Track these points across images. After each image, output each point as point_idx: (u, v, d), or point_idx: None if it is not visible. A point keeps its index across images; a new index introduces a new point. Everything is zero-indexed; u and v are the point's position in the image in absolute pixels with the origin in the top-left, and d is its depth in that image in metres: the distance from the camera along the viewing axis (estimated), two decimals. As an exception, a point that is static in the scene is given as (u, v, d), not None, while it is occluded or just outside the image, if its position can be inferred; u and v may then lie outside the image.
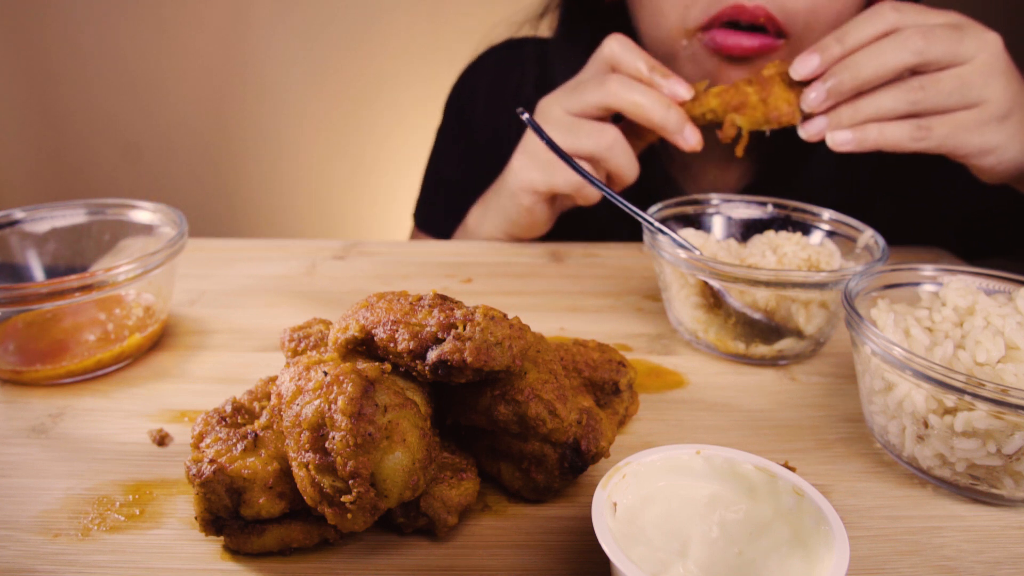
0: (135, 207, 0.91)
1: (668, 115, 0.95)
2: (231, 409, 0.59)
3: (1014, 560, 0.55)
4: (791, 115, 0.92)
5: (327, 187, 2.73)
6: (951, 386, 0.55)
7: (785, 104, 0.92)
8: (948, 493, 0.62)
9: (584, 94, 0.98)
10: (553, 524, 0.58)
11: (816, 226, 0.91)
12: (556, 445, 0.57)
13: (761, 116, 0.93)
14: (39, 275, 0.89)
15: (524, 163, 1.06)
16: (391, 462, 0.49)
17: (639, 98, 0.95)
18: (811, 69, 0.89)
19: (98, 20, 2.39)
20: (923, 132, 0.87)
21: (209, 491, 0.51)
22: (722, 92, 0.95)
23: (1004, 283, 0.71)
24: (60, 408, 0.72)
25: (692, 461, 0.54)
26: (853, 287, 0.69)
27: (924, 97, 0.86)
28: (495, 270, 1.08)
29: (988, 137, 0.88)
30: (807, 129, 0.91)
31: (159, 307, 0.85)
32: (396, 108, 2.56)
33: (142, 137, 2.57)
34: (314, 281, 1.03)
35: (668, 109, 0.95)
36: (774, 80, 0.93)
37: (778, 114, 0.92)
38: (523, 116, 0.92)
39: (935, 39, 0.83)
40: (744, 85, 0.94)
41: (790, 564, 0.47)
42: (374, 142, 2.62)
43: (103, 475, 0.62)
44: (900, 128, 0.87)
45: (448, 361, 0.51)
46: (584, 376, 0.65)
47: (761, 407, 0.74)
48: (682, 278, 0.82)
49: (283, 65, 2.50)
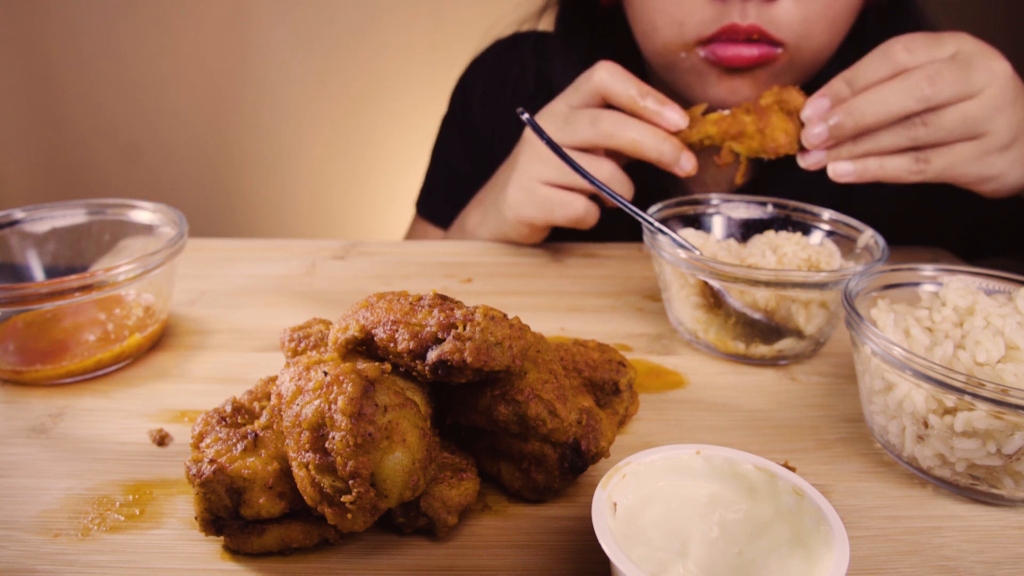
0: (135, 207, 0.91)
1: (663, 148, 0.95)
2: (231, 409, 0.59)
3: (1014, 560, 0.55)
4: (789, 146, 0.92)
5: (327, 187, 2.73)
6: (951, 386, 0.55)
7: (783, 135, 0.92)
8: (948, 493, 0.62)
9: (576, 131, 0.97)
10: (553, 524, 0.58)
11: (816, 226, 0.91)
12: (556, 445, 0.57)
13: (758, 146, 0.93)
14: (39, 275, 0.89)
15: (520, 199, 1.05)
16: (391, 462, 0.49)
17: (633, 134, 0.95)
18: (822, 113, 0.89)
19: (98, 20, 2.39)
20: (921, 165, 0.87)
21: (209, 491, 0.51)
22: (719, 120, 0.95)
23: (1004, 283, 0.71)
24: (60, 408, 0.72)
25: (692, 461, 0.54)
26: (853, 287, 0.69)
27: (926, 134, 0.86)
28: (495, 270, 1.08)
29: (989, 166, 0.88)
30: (806, 160, 0.92)
31: (159, 307, 0.85)
32: (396, 108, 2.56)
33: (142, 137, 2.57)
34: (314, 281, 1.03)
35: (663, 142, 0.95)
36: (772, 109, 0.93)
37: (775, 145, 0.92)
38: (523, 116, 0.92)
39: (942, 83, 0.83)
40: (742, 114, 0.94)
41: (790, 564, 0.47)
42: (374, 142, 2.62)
43: (103, 475, 0.62)
44: (899, 161, 0.88)
45: (448, 361, 0.51)
46: (584, 376, 0.65)
47: (761, 407, 0.74)
48: (682, 278, 0.82)
49: (283, 65, 2.50)
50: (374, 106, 2.57)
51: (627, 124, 0.95)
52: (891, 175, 0.88)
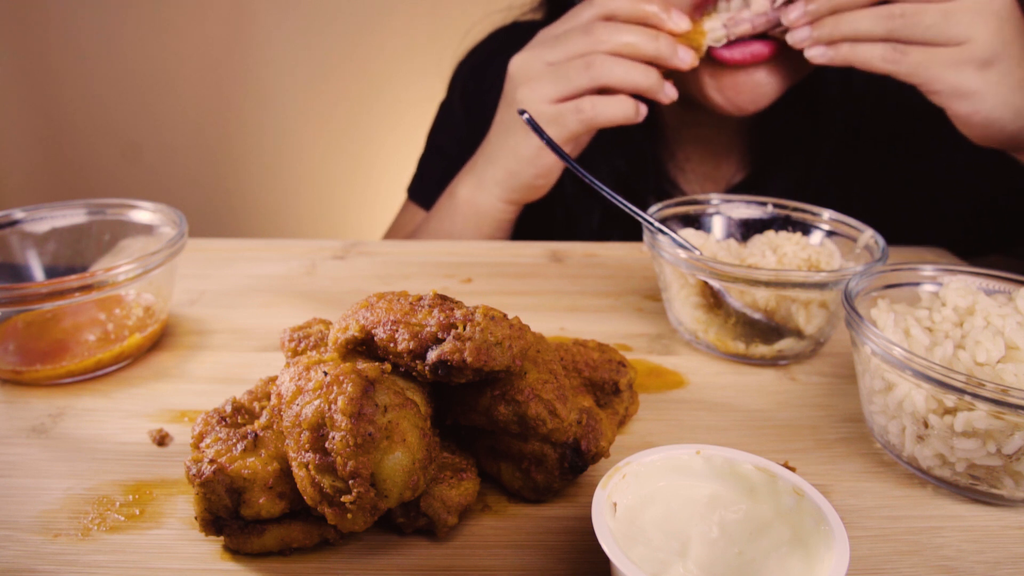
0: (135, 207, 0.91)
1: (659, 44, 0.96)
2: (231, 409, 0.59)
3: (1014, 560, 0.55)
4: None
5: (327, 187, 2.72)
6: (951, 386, 0.55)
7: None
8: (948, 493, 0.62)
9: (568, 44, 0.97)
10: (553, 524, 0.58)
11: (816, 226, 0.91)
12: (556, 445, 0.57)
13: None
14: (39, 275, 0.89)
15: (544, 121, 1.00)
16: (391, 462, 0.49)
17: (629, 38, 0.95)
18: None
19: (98, 20, 2.39)
20: (896, 55, 0.88)
21: (209, 491, 0.51)
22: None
23: (1004, 283, 0.71)
24: (60, 408, 0.72)
25: (692, 461, 0.54)
26: (853, 287, 0.69)
27: (903, 25, 0.86)
28: (495, 270, 1.08)
29: (964, 79, 0.87)
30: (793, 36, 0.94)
31: (159, 307, 0.85)
32: (396, 108, 2.55)
33: (142, 136, 2.57)
34: (314, 281, 1.03)
35: (656, 39, 0.96)
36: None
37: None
38: (523, 116, 0.92)
39: None
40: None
41: (790, 564, 0.47)
42: (374, 142, 2.62)
43: (103, 475, 0.62)
44: (874, 48, 0.89)
45: (448, 361, 0.51)
46: (584, 376, 0.65)
47: (761, 407, 0.74)
48: (682, 278, 0.82)
49: (283, 65, 2.50)
50: (374, 106, 2.57)
51: (622, 29, 0.96)
52: (863, 60, 0.90)
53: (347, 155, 2.65)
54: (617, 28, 0.96)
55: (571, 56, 0.97)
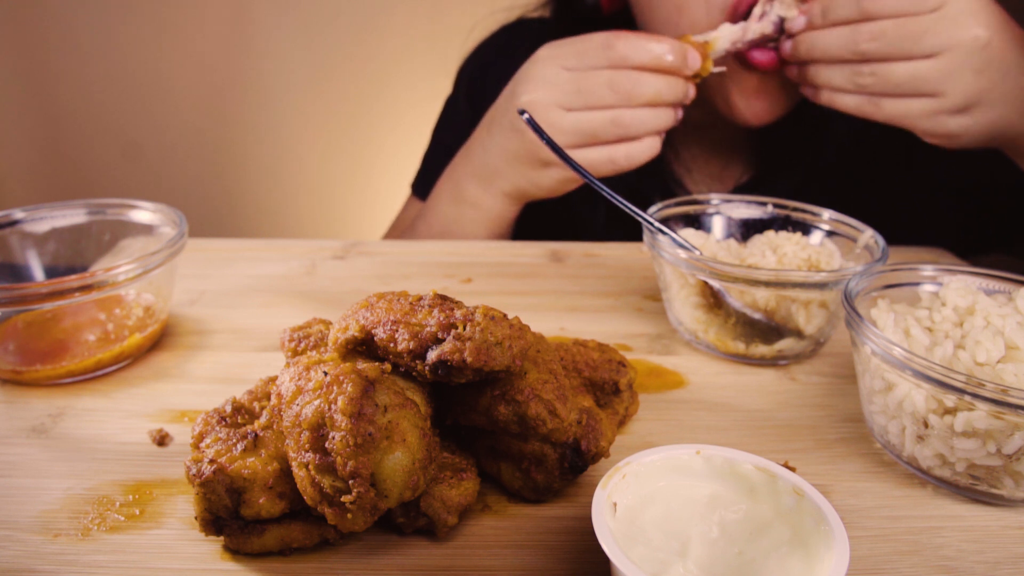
0: (135, 207, 0.91)
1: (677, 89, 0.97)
2: (231, 409, 0.59)
3: (1014, 560, 0.55)
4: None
5: (327, 187, 2.72)
6: (951, 386, 0.55)
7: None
8: (948, 493, 0.62)
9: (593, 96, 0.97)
10: (553, 524, 0.58)
11: (816, 226, 0.91)
12: (556, 445, 0.57)
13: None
14: (39, 275, 0.89)
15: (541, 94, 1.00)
16: (391, 462, 0.49)
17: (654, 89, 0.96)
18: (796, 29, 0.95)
19: (98, 20, 2.39)
20: (872, 107, 0.91)
21: (209, 491, 0.51)
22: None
23: (1004, 283, 0.71)
24: (60, 408, 0.72)
25: (692, 461, 0.54)
26: (853, 287, 0.69)
27: (873, 83, 0.88)
28: (495, 270, 1.08)
29: (941, 125, 0.89)
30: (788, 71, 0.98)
31: (159, 307, 0.85)
32: (396, 108, 2.55)
33: (142, 136, 2.57)
34: (314, 281, 1.03)
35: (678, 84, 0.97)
36: None
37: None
38: (524, 116, 0.92)
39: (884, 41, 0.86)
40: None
41: (790, 564, 0.47)
42: (374, 142, 2.62)
43: (103, 475, 0.62)
44: (850, 98, 0.93)
45: (448, 361, 0.51)
46: (584, 376, 0.65)
47: (761, 407, 0.74)
48: (682, 278, 0.82)
49: (283, 65, 2.50)
50: (374, 106, 2.57)
51: (643, 80, 0.96)
52: (841, 108, 0.94)
53: (347, 155, 2.65)
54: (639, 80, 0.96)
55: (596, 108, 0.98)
